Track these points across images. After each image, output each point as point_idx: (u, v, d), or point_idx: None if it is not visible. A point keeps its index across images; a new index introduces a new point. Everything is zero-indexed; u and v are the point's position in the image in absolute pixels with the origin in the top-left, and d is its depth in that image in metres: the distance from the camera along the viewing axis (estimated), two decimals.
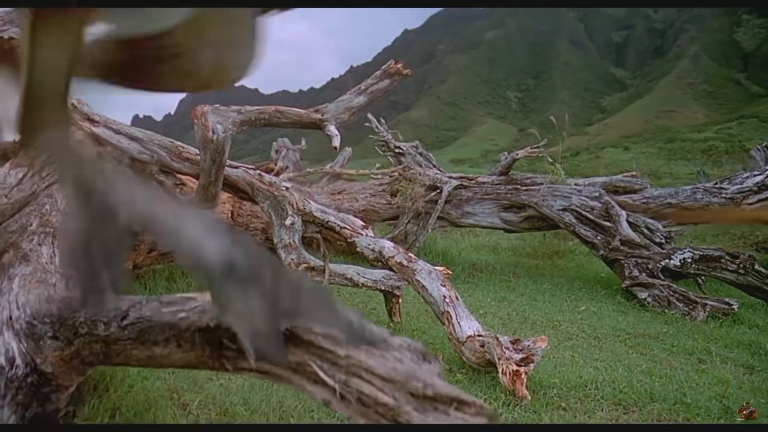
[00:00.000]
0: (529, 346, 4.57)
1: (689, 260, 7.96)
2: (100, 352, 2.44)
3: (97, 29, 1.12)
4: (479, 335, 4.84)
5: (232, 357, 2.02)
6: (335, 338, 1.80)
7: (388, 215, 10.06)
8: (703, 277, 8.21)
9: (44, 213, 3.95)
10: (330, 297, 1.69)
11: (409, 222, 9.61)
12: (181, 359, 2.20)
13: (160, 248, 6.32)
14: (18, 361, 2.59)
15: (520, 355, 4.46)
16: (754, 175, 8.77)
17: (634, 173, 10.04)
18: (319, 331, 1.80)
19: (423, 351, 1.82)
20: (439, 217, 9.66)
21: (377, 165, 12.13)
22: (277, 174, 8.71)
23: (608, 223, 8.62)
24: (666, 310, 7.45)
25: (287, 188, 6.20)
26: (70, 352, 2.53)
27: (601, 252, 8.61)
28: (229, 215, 8.05)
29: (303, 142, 11.31)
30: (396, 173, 9.91)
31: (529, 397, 4.23)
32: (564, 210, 9.06)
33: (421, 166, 10.07)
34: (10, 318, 2.78)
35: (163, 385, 4.11)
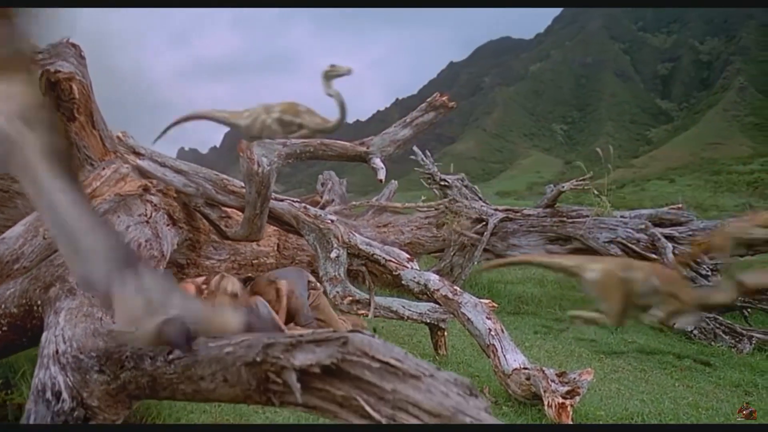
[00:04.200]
0: (574, 378, 4.58)
1: None
2: (146, 386, 2.49)
3: None
4: (525, 368, 4.86)
5: (279, 391, 2.05)
6: (383, 373, 1.85)
7: (433, 248, 10.12)
8: (749, 309, 8.17)
9: None
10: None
11: (454, 255, 9.66)
12: (227, 394, 2.22)
13: None
14: (64, 395, 2.62)
15: (566, 388, 4.46)
16: None
17: (680, 206, 10.01)
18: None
19: (470, 385, 1.83)
20: (484, 250, 9.68)
21: (422, 198, 12.21)
22: (323, 207, 8.80)
23: (654, 256, 8.59)
24: (712, 343, 7.43)
25: (332, 221, 6.23)
26: (116, 385, 2.57)
27: None
28: (275, 248, 8.14)
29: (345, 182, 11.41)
30: (442, 206, 9.98)
31: None
32: (610, 242, 9.05)
33: (467, 198, 10.13)
34: (57, 352, 2.81)
35: (209, 418, 4.17)
